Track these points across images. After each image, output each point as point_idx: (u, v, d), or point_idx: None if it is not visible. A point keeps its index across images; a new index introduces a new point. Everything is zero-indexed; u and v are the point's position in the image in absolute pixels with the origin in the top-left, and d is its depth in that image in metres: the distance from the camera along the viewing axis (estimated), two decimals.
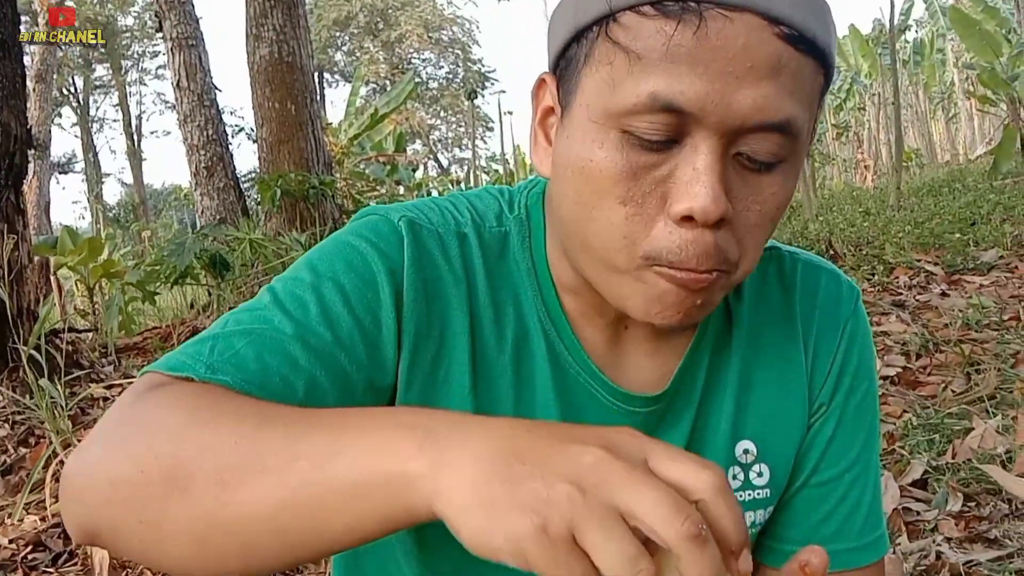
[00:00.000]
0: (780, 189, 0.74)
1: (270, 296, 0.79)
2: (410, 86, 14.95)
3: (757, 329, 0.92)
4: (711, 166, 0.69)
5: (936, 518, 2.36)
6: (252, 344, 0.73)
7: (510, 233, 0.88)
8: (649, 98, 0.69)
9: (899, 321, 4.12)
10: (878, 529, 0.96)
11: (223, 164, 9.47)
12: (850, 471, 0.94)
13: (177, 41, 9.40)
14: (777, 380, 0.92)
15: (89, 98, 38.93)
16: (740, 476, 0.91)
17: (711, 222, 0.70)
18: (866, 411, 0.95)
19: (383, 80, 38.19)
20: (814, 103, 0.75)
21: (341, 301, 0.78)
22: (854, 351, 0.95)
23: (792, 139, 0.72)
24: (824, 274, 0.96)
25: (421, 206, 0.88)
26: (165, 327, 6.17)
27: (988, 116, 15.25)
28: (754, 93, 0.68)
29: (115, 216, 31.57)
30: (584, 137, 0.74)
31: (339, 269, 0.80)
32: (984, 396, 3.09)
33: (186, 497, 0.59)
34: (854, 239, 6.13)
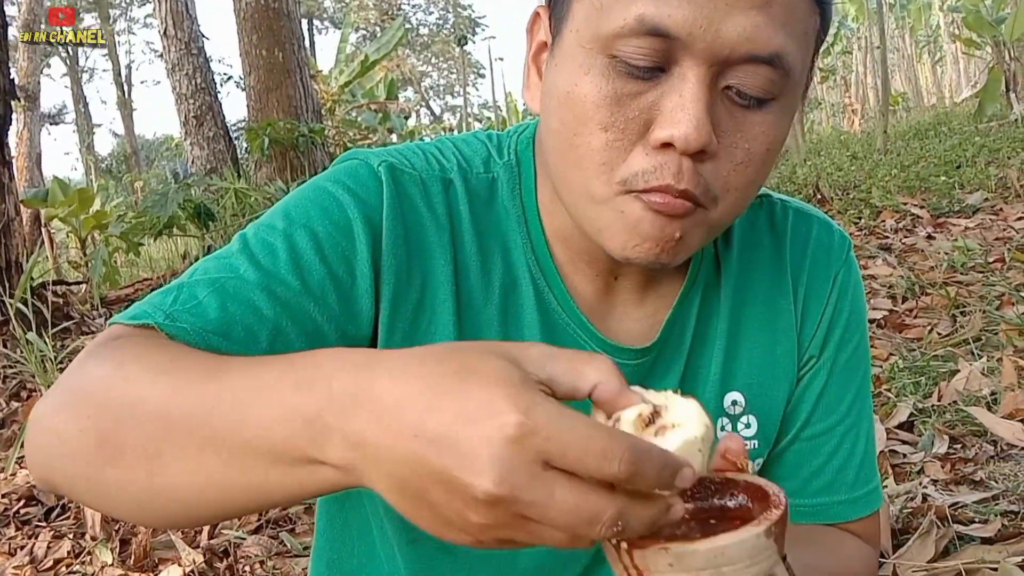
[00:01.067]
0: (770, 128, 0.72)
1: (240, 243, 0.78)
2: (400, 32, 14.73)
3: (746, 278, 0.91)
4: (697, 95, 0.67)
5: (922, 460, 2.38)
6: (215, 293, 0.71)
7: (499, 179, 0.86)
8: (636, 21, 0.67)
9: (886, 264, 4.12)
10: (871, 482, 0.95)
11: (212, 113, 9.38)
12: (842, 424, 0.93)
13: None
14: (766, 330, 0.91)
15: (78, 48, 38.40)
16: (728, 428, 0.90)
17: (691, 150, 0.68)
18: (858, 363, 0.94)
19: (373, 26, 37.65)
20: (808, 43, 0.73)
21: (313, 249, 0.76)
22: (845, 302, 0.93)
23: (783, 75, 0.70)
24: (816, 223, 0.95)
25: (405, 151, 0.86)
26: (157, 278, 6.16)
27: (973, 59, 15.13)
28: (744, 21, 0.66)
29: (107, 167, 31.34)
30: (572, 63, 0.72)
31: (314, 216, 0.78)
32: (970, 338, 3.10)
33: (118, 468, 0.59)
34: (841, 183, 6.13)
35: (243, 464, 0.56)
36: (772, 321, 0.91)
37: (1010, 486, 2.18)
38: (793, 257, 0.92)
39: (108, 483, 0.60)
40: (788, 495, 0.91)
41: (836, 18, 16.58)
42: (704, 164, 0.70)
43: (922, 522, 1.99)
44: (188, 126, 9.37)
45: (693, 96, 0.67)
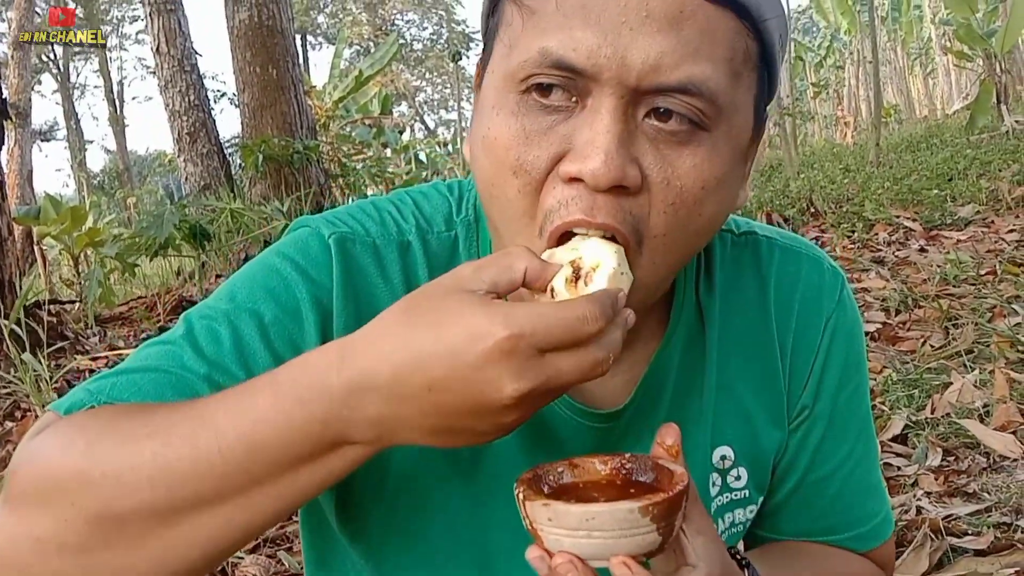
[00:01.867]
0: (703, 163, 0.67)
1: (184, 328, 0.75)
2: (394, 48, 14.78)
3: (731, 325, 0.86)
4: (608, 127, 0.63)
5: (916, 473, 2.39)
6: (155, 381, 0.69)
7: (459, 237, 0.82)
8: (540, 54, 0.64)
9: (879, 277, 4.15)
10: (880, 512, 0.93)
11: (206, 130, 9.38)
12: (844, 466, 0.90)
13: (156, 6, 9.26)
14: (754, 380, 0.87)
15: (69, 64, 38.41)
16: (718, 482, 0.87)
17: (601, 186, 0.64)
18: (857, 405, 0.91)
19: (367, 42, 37.77)
20: (740, 70, 0.68)
21: (258, 335, 0.73)
22: (839, 347, 0.89)
23: (707, 104, 0.65)
24: (805, 262, 0.90)
25: (359, 214, 0.82)
26: (151, 296, 6.15)
27: (965, 71, 15.22)
28: (650, 47, 0.62)
29: (100, 183, 31.28)
30: (486, 106, 0.70)
31: (259, 298, 0.75)
32: (962, 351, 3.12)
33: (119, 545, 0.59)
34: (835, 196, 6.15)
35: (270, 482, 0.58)
36: (760, 369, 0.87)
37: (1003, 498, 2.19)
38: (780, 302, 0.88)
39: (108, 563, 0.60)
40: (798, 535, 0.93)
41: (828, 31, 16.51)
42: (630, 200, 0.66)
43: (916, 535, 1.99)
44: (182, 143, 9.37)
45: (604, 128, 0.63)
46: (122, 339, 4.96)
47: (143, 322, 5.42)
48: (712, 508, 0.87)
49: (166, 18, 9.28)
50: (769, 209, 5.65)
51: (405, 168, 16.91)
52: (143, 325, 5.36)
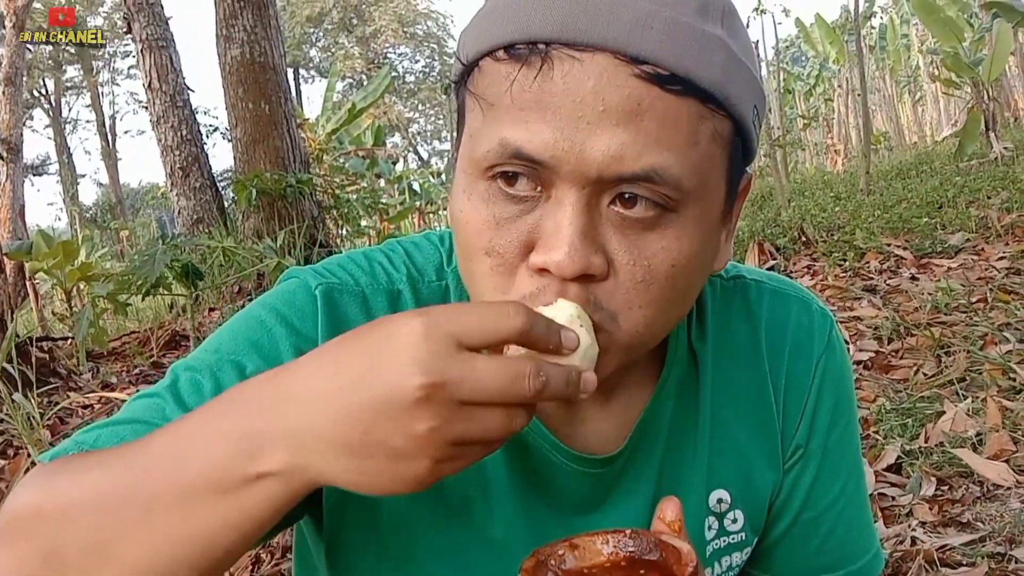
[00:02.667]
0: (671, 244, 0.67)
1: (170, 379, 0.76)
2: (387, 80, 14.88)
3: (724, 370, 0.87)
4: (571, 219, 0.64)
5: (911, 503, 2.39)
6: (136, 432, 0.69)
7: (450, 287, 0.83)
8: (500, 145, 0.65)
9: (871, 306, 4.16)
10: (870, 549, 0.94)
11: (198, 164, 9.40)
12: (836, 505, 0.91)
13: (147, 43, 9.30)
14: (748, 422, 0.88)
15: (61, 99, 38.56)
16: (715, 526, 0.87)
17: (567, 276, 0.65)
18: (848, 443, 0.92)
19: (359, 75, 38.03)
20: (708, 151, 0.67)
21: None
22: (829, 387, 0.90)
23: (673, 189, 0.65)
24: (794, 304, 0.91)
25: (348, 265, 0.83)
26: (144, 331, 6.14)
27: (953, 98, 15.41)
28: (608, 140, 0.63)
29: (92, 217, 31.31)
30: (458, 189, 0.71)
31: (242, 350, 0.76)
32: (954, 379, 3.13)
33: (67, 569, 0.59)
34: (826, 225, 6.17)
35: (189, 508, 0.57)
36: (754, 412, 0.88)
37: (996, 527, 2.19)
38: (771, 343, 0.89)
39: None
40: (792, 574, 0.93)
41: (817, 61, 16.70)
42: (599, 285, 0.67)
43: (911, 566, 1.99)
44: (174, 177, 9.37)
45: (567, 221, 0.64)
46: (115, 375, 4.94)
47: (136, 357, 5.40)
48: (708, 552, 0.87)
49: (157, 54, 9.32)
50: (760, 239, 5.66)
51: (399, 198, 16.98)
52: (136, 360, 5.34)
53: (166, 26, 9.49)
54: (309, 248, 7.66)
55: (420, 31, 41.79)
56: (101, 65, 38.47)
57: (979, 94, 8.84)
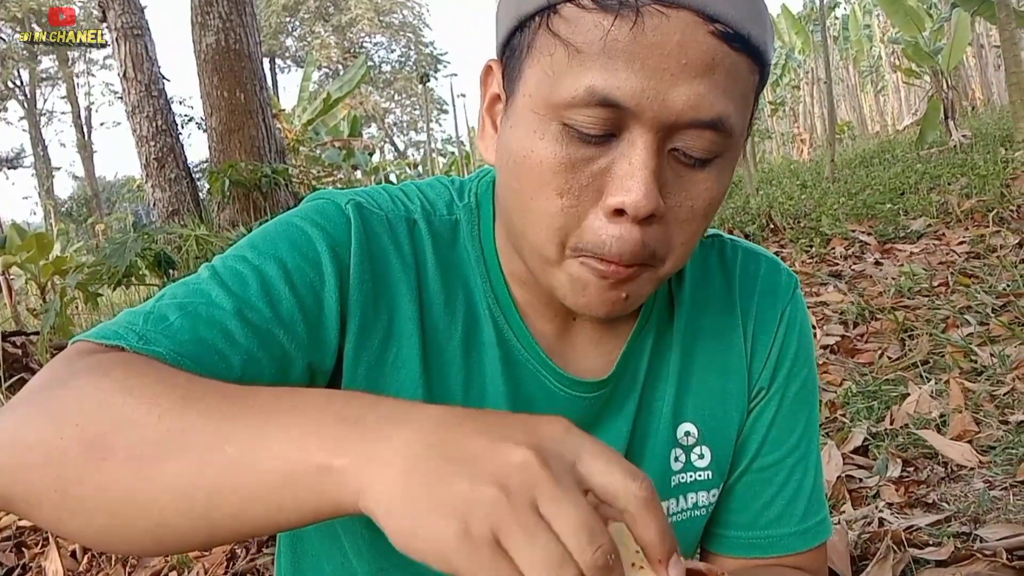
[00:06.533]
0: (713, 185, 0.75)
1: (209, 272, 0.78)
2: (363, 70, 14.81)
3: (698, 314, 0.94)
4: (646, 162, 0.70)
5: (878, 484, 2.42)
6: (187, 316, 0.71)
7: (460, 221, 0.89)
8: (587, 92, 0.69)
9: (836, 291, 4.21)
10: (820, 513, 0.98)
11: (174, 155, 9.33)
12: (791, 456, 0.95)
13: (122, 31, 9.20)
14: (717, 363, 0.94)
15: (36, 91, 38.09)
16: (682, 458, 0.92)
17: (641, 217, 0.71)
18: (806, 398, 0.97)
19: (335, 65, 37.79)
20: (748, 101, 0.75)
21: (282, 279, 0.77)
22: (793, 337, 0.96)
23: (726, 136, 0.72)
24: (764, 262, 0.98)
25: (371, 192, 0.88)
26: None
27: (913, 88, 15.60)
28: (688, 90, 0.69)
29: (68, 210, 31.01)
30: (526, 127, 0.74)
31: (282, 248, 0.79)
32: (918, 361, 3.18)
33: (103, 469, 0.57)
34: (793, 212, 6.24)
35: (242, 476, 0.55)
36: (723, 354, 0.94)
37: (961, 507, 2.23)
38: (742, 293, 0.95)
39: (83, 488, 0.57)
40: (740, 528, 0.96)
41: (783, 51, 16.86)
42: (652, 225, 0.73)
43: (879, 547, 2.03)
44: (149, 168, 9.30)
45: (642, 163, 0.70)
46: None
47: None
48: (672, 483, 0.92)
49: (133, 43, 9.23)
50: (730, 226, 5.72)
51: None
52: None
53: (141, 14, 9.39)
54: None
55: (396, 20, 41.60)
56: (76, 56, 38.02)
57: (939, 83, 8.96)
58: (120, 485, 0.57)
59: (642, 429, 0.91)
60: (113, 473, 0.57)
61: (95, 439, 0.57)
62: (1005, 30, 7.57)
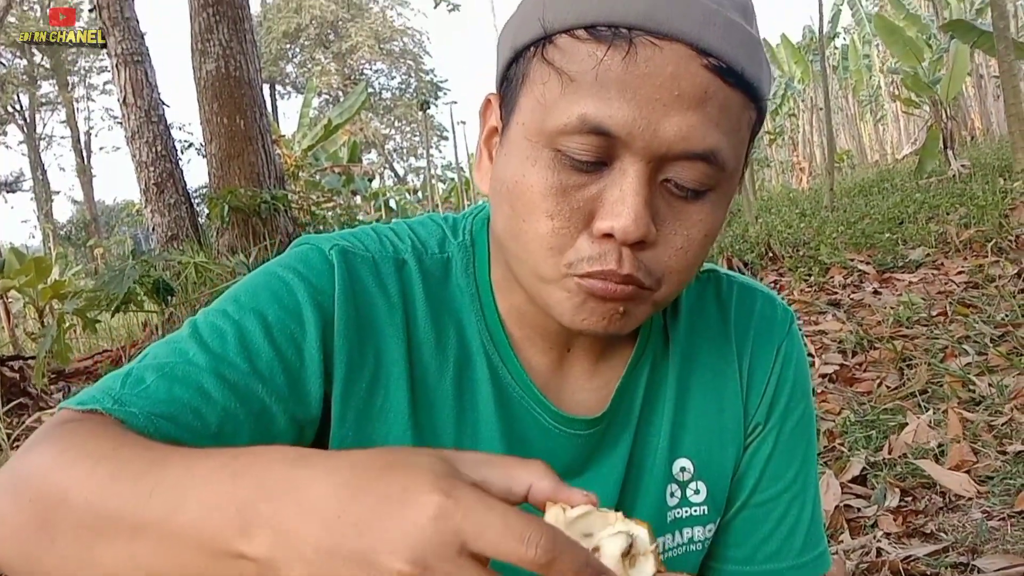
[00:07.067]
0: (708, 217, 0.76)
1: (190, 328, 0.78)
2: (363, 97, 14.91)
3: (693, 348, 0.93)
4: (637, 189, 0.71)
5: (876, 514, 2.43)
6: (164, 377, 0.72)
7: (453, 259, 0.88)
8: (579, 120, 0.70)
9: (835, 320, 4.22)
10: (819, 546, 0.97)
11: (173, 180, 9.34)
12: (789, 490, 0.95)
13: (122, 57, 9.25)
14: (713, 398, 0.93)
15: (36, 115, 38.26)
16: (677, 493, 0.92)
17: (630, 241, 0.71)
18: (803, 431, 0.96)
19: (335, 91, 38.02)
20: (743, 136, 0.76)
21: (262, 333, 0.77)
22: (788, 372, 0.95)
23: (718, 169, 0.73)
24: (760, 297, 0.98)
25: (359, 234, 0.88)
26: (116, 350, 6.10)
27: (913, 117, 15.73)
28: (680, 121, 0.70)
29: (66, 234, 31.04)
30: (519, 154, 0.75)
31: (263, 300, 0.79)
32: (916, 391, 3.19)
33: (54, 553, 0.59)
34: (791, 240, 6.27)
35: (173, 552, 0.56)
36: (719, 389, 0.93)
37: (959, 537, 2.23)
38: (738, 328, 0.95)
39: (45, 566, 0.60)
40: (738, 563, 0.96)
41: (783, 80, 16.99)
42: (645, 252, 0.74)
43: None
44: (148, 193, 9.31)
45: (632, 190, 0.71)
46: None
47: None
48: (668, 519, 0.92)
49: (133, 69, 9.27)
50: (729, 254, 5.74)
51: (375, 215, 16.98)
52: None
53: (141, 40, 9.43)
54: None
55: (396, 48, 41.90)
56: (76, 80, 38.24)
57: (938, 113, 9.04)
58: (70, 568, 0.58)
59: (637, 465, 0.91)
60: (62, 558, 0.59)
61: (45, 518, 0.59)
62: (1004, 61, 7.65)
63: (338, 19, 39.58)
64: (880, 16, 12.97)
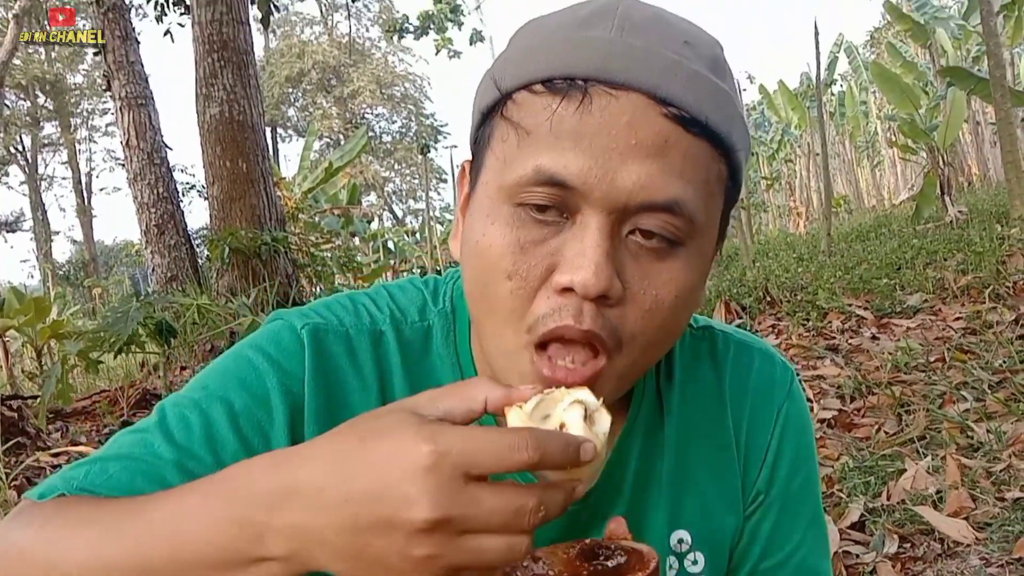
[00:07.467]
0: (679, 276, 0.72)
1: (158, 416, 0.78)
2: (363, 140, 15.03)
3: (689, 414, 0.90)
4: (598, 241, 0.68)
5: (874, 561, 2.42)
6: (127, 470, 0.72)
7: (433, 328, 0.86)
8: (535, 171, 0.69)
9: (833, 365, 4.23)
10: None
11: (174, 222, 9.41)
12: (796, 554, 0.92)
13: (126, 100, 9.36)
14: (710, 466, 0.90)
15: (37, 156, 38.49)
16: (675, 565, 0.89)
17: (591, 295, 0.68)
18: (808, 492, 0.94)
19: (336, 135, 38.34)
20: (712, 190, 0.73)
21: (228, 422, 0.76)
22: (790, 436, 0.92)
23: (686, 223, 0.70)
24: (757, 356, 0.94)
25: (334, 305, 0.86)
26: (114, 390, 6.09)
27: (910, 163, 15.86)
28: (638, 170, 0.68)
29: (65, 274, 31.06)
30: (480, 213, 0.74)
31: (231, 387, 0.78)
32: (915, 437, 3.19)
33: None
34: (789, 285, 6.28)
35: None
36: (716, 457, 0.90)
37: None
38: (734, 391, 0.92)
39: None
40: None
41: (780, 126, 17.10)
42: (611, 309, 0.71)
43: None
44: (149, 234, 9.37)
45: (593, 243, 0.68)
46: (84, 434, 4.89)
47: (106, 416, 5.36)
48: None
49: (136, 112, 9.37)
50: (727, 298, 5.75)
51: (373, 256, 17.04)
52: (106, 419, 5.29)
53: (146, 84, 9.56)
54: (282, 306, 7.65)
55: (397, 92, 42.32)
56: (79, 122, 38.54)
57: (935, 159, 9.10)
58: None
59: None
60: None
61: None
62: (1000, 109, 7.73)
63: (340, 64, 40.03)
64: (877, 63, 13.14)
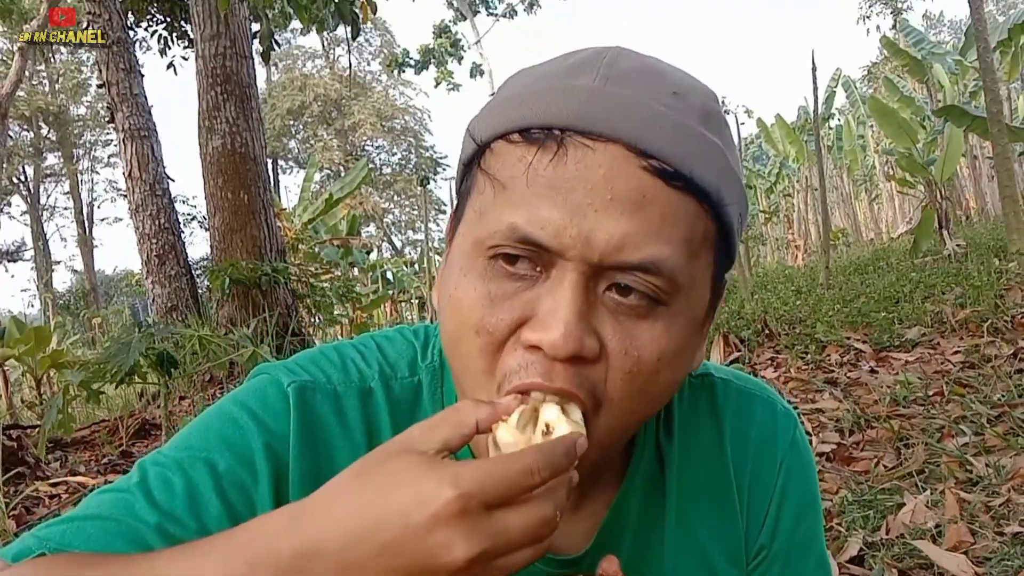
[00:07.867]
0: (660, 336, 0.69)
1: (139, 475, 0.74)
2: (364, 172, 15.12)
3: (689, 469, 0.87)
4: (571, 301, 0.65)
5: None
6: (105, 530, 0.69)
7: (422, 383, 0.84)
8: (509, 229, 0.66)
9: (832, 398, 4.22)
10: None
11: (175, 252, 9.44)
12: None
13: (129, 132, 9.42)
14: (711, 521, 0.88)
15: (40, 186, 38.65)
16: None
17: (560, 357, 0.65)
18: (812, 540, 0.92)
19: (337, 166, 38.52)
20: (696, 249, 0.69)
21: (211, 485, 0.73)
22: (793, 488, 0.90)
23: (667, 282, 0.67)
24: (758, 404, 0.92)
25: (320, 360, 0.83)
26: (113, 420, 6.08)
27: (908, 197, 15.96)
28: (613, 227, 0.65)
29: (65, 303, 31.04)
30: (455, 266, 0.72)
31: (214, 446, 0.75)
32: (913, 471, 3.18)
33: None
34: (788, 318, 6.28)
35: None
36: (717, 512, 0.88)
37: None
38: (735, 444, 0.89)
39: None
40: None
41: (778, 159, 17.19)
42: (590, 367, 0.67)
43: None
44: (150, 265, 9.40)
45: (566, 301, 0.65)
46: (83, 464, 4.88)
47: (105, 446, 5.35)
48: None
49: (139, 144, 9.43)
50: (726, 331, 5.75)
51: (372, 287, 17.07)
52: (104, 449, 5.29)
53: (149, 116, 9.62)
54: (281, 336, 7.67)
55: (398, 125, 42.65)
56: (81, 153, 38.74)
57: (932, 193, 9.15)
58: None
59: None
60: None
61: None
62: (998, 144, 7.78)
63: (341, 97, 40.34)
64: (874, 98, 13.27)
